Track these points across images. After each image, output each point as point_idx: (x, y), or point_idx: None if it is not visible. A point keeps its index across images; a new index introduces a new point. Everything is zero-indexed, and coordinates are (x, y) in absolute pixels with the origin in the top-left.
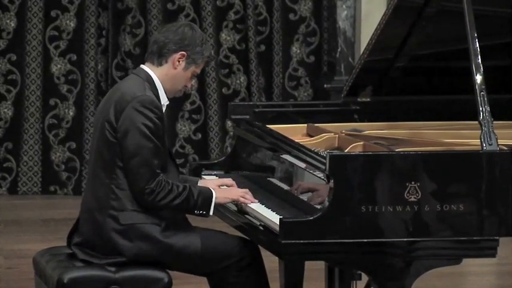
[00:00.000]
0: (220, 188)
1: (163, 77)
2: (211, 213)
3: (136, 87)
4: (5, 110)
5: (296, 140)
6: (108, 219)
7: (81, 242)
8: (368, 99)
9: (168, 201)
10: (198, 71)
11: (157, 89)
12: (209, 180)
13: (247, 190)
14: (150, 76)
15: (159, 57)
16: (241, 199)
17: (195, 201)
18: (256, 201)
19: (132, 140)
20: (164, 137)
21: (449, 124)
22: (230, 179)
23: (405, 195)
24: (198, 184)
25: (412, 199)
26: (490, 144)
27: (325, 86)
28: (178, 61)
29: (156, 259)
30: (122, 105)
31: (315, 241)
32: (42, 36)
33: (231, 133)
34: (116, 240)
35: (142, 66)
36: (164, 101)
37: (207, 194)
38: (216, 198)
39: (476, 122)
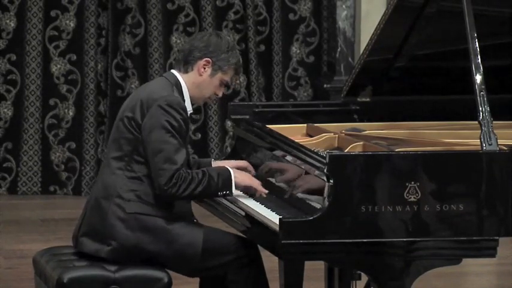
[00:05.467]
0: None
1: (190, 84)
2: (234, 191)
3: (165, 88)
4: (5, 110)
5: (296, 140)
6: (113, 206)
7: (87, 231)
8: (368, 99)
9: (191, 191)
10: (227, 78)
11: (183, 95)
12: (223, 162)
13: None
14: (179, 81)
15: (185, 65)
16: (259, 189)
17: (216, 184)
18: (266, 191)
19: (157, 136)
20: (186, 140)
21: (449, 124)
22: (245, 161)
23: (405, 195)
24: (212, 165)
25: (412, 199)
26: (489, 144)
27: (324, 86)
28: (204, 68)
29: (154, 253)
30: (148, 103)
31: (315, 241)
32: (42, 36)
33: (231, 133)
34: (118, 228)
35: (172, 70)
36: (189, 108)
37: (226, 174)
38: (235, 177)
39: (476, 122)
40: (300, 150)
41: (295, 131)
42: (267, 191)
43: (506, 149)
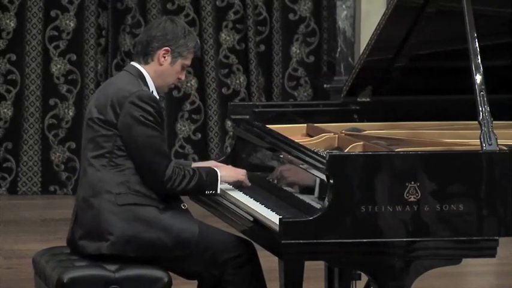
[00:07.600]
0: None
1: (153, 74)
2: (218, 191)
3: (131, 83)
4: (5, 110)
5: (296, 140)
6: (104, 202)
7: (84, 233)
8: (368, 99)
9: (184, 186)
10: (188, 62)
11: (148, 86)
12: (204, 163)
13: (245, 171)
14: (142, 73)
15: (145, 56)
16: (246, 181)
17: (205, 182)
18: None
19: (138, 132)
20: (164, 130)
21: (449, 124)
22: (230, 166)
23: (405, 195)
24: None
25: (412, 199)
26: (489, 144)
27: (324, 86)
28: (164, 57)
29: (153, 241)
30: (119, 101)
31: (315, 241)
32: (41, 36)
33: (231, 133)
34: (113, 222)
35: (132, 63)
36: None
37: (213, 173)
38: (221, 176)
39: (476, 122)
40: (300, 150)
41: (295, 131)
42: (249, 184)
43: (506, 149)
